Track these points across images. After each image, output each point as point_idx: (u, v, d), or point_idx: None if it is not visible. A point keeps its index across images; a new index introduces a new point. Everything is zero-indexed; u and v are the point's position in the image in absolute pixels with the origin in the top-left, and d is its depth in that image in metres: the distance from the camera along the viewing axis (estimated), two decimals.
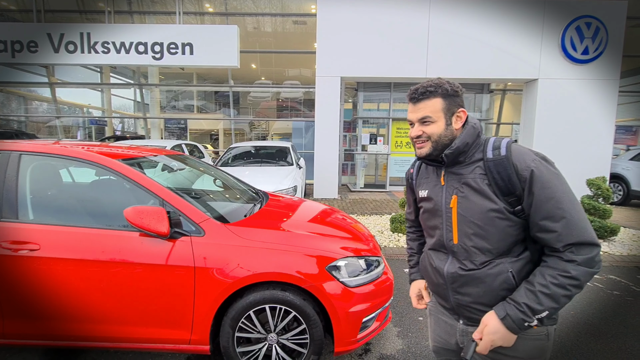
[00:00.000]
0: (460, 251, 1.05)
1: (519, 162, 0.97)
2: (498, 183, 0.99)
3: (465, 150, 1.04)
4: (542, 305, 0.91)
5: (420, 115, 1.05)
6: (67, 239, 1.85)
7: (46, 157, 2.05)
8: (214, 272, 1.82)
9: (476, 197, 1.01)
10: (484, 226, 1.00)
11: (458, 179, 1.06)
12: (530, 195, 0.95)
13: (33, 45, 8.11)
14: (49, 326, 1.86)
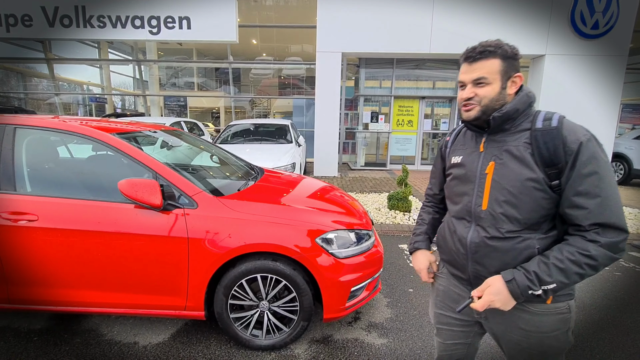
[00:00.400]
0: (488, 217, 1.03)
1: (570, 134, 0.94)
2: (542, 153, 0.96)
3: (514, 117, 1.01)
4: (551, 278, 0.91)
5: (476, 75, 1.00)
6: (64, 211, 1.90)
7: (41, 130, 2.08)
8: (206, 242, 1.88)
9: (515, 164, 0.99)
10: (517, 194, 0.98)
11: (499, 147, 1.03)
12: (572, 168, 0.93)
13: (27, 19, 7.95)
14: (50, 292, 1.95)
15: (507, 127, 1.03)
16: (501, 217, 1.00)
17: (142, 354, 1.98)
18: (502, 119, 1.01)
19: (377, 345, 2.11)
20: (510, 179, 0.99)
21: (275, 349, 2.03)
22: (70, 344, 2.05)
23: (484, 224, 1.04)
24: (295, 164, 5.22)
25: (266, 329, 2.03)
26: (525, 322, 1.03)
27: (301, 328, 2.02)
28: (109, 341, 2.09)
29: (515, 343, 1.06)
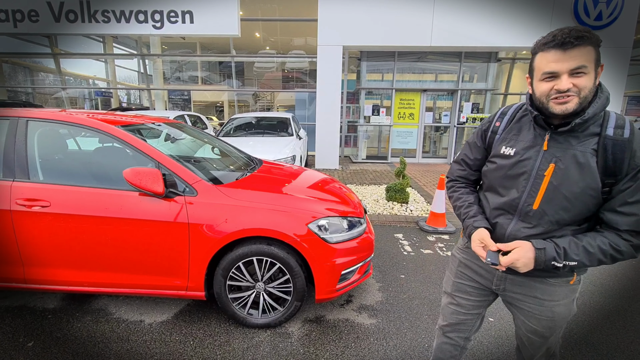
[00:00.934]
0: (535, 216, 1.04)
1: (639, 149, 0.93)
2: (608, 164, 0.94)
3: (591, 117, 0.96)
4: (577, 256, 0.98)
5: (575, 64, 0.91)
6: (74, 197, 2.05)
7: (51, 123, 2.22)
8: (205, 227, 2.02)
9: (577, 172, 0.97)
10: (573, 200, 0.98)
11: (563, 149, 0.99)
12: (632, 180, 0.94)
13: (34, 14, 8.10)
14: (62, 273, 2.11)
15: (578, 128, 0.98)
16: (551, 219, 1.03)
17: (148, 331, 2.14)
18: (582, 125, 0.96)
19: (366, 325, 2.24)
20: (569, 186, 0.98)
21: (271, 327, 2.18)
22: (82, 321, 2.22)
23: (530, 221, 1.06)
24: (296, 156, 5.33)
25: (262, 308, 2.18)
26: (541, 292, 1.12)
27: (295, 308, 2.16)
28: (117, 319, 2.25)
29: (528, 311, 1.16)
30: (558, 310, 1.13)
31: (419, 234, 4.04)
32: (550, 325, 1.15)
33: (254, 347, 2.01)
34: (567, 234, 1.03)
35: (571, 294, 1.13)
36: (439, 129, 9.97)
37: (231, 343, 2.04)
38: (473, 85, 9.80)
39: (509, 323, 2.28)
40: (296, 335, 2.13)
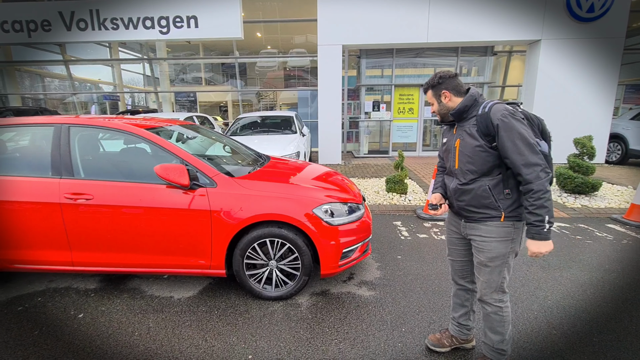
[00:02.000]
0: (459, 173, 1.66)
1: (493, 116, 1.52)
2: (481, 129, 1.56)
3: (464, 111, 1.62)
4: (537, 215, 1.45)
5: (427, 100, 1.78)
6: (113, 191, 2.40)
7: (88, 128, 2.57)
8: (224, 214, 2.36)
9: (469, 139, 1.60)
10: (472, 156, 1.59)
11: (462, 129, 1.65)
12: (498, 137, 1.51)
13: (46, 24, 8.48)
14: (104, 256, 2.47)
15: (464, 116, 1.64)
16: (465, 171, 1.63)
17: (178, 304, 2.49)
18: (456, 114, 1.65)
19: (365, 296, 2.58)
20: (467, 148, 1.61)
21: (282, 299, 2.52)
22: (121, 298, 2.58)
23: (458, 177, 1.67)
24: (300, 152, 5.66)
25: (275, 283, 2.52)
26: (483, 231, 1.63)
27: (303, 282, 2.50)
28: (150, 296, 2.60)
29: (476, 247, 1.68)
30: (495, 245, 1.61)
31: (416, 221, 4.35)
32: (490, 256, 1.62)
33: (269, 314, 2.35)
34: (485, 184, 1.58)
35: (505, 234, 1.60)
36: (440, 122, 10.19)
37: (250, 312, 2.38)
38: (471, 79, 10.02)
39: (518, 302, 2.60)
40: (305, 305, 2.47)
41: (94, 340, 2.10)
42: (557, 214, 4.53)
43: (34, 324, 2.27)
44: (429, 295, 2.58)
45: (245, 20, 8.70)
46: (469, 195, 1.63)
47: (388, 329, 2.19)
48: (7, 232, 2.45)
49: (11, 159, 2.68)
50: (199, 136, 3.54)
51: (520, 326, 2.20)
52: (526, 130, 1.49)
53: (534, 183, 1.43)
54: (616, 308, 2.40)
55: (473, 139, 1.58)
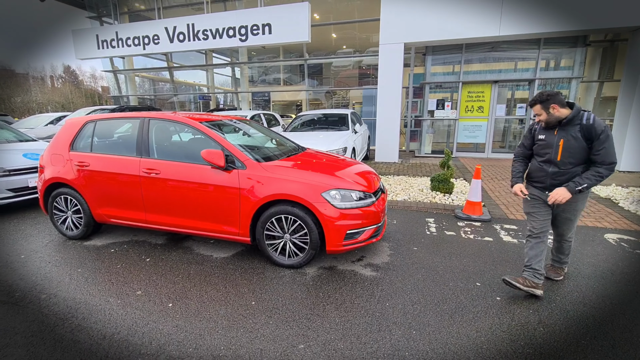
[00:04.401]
0: (560, 163, 2.37)
1: (598, 127, 2.23)
2: (585, 134, 2.27)
3: (571, 120, 2.32)
4: (582, 184, 2.27)
5: (534, 113, 2.43)
6: (174, 169, 3.14)
7: (161, 121, 3.38)
8: (249, 192, 2.90)
9: (573, 141, 2.31)
10: (573, 152, 2.32)
11: (565, 132, 2.34)
12: (597, 140, 2.23)
13: (156, 38, 10.43)
14: (165, 218, 3.24)
15: (568, 123, 2.34)
16: (567, 162, 2.36)
17: (214, 261, 3.14)
18: (566, 122, 2.34)
19: (366, 275, 2.85)
20: (572, 147, 2.32)
21: (294, 267, 2.96)
22: (177, 252, 3.35)
23: (559, 165, 2.39)
24: (347, 148, 6.00)
25: (288, 253, 2.97)
26: (574, 199, 2.39)
27: (310, 255, 2.90)
28: (196, 253, 3.32)
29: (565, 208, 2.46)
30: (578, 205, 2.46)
31: (451, 220, 4.34)
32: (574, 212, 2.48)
33: (279, 277, 2.82)
34: (577, 171, 2.34)
35: (583, 198, 2.44)
36: (522, 121, 9.31)
37: (265, 273, 2.89)
38: (555, 73, 8.96)
39: (490, 286, 2.62)
40: (311, 274, 2.87)
41: (152, 276, 2.86)
42: None
43: (119, 261, 3.16)
44: (427, 283, 2.73)
45: (313, 24, 9.33)
46: (564, 176, 2.38)
47: (373, 302, 2.45)
48: (107, 195, 3.41)
49: (113, 142, 3.67)
50: (251, 129, 4.20)
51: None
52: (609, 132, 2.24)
53: (602, 170, 2.26)
54: None
55: (577, 141, 2.30)
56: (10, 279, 2.83)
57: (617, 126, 7.42)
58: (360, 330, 2.13)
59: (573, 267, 2.99)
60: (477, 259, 3.15)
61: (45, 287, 2.70)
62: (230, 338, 2.07)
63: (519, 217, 4.36)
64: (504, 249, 3.37)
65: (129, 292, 2.62)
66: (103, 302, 2.49)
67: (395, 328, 2.16)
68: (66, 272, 2.95)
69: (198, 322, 2.23)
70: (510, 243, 3.53)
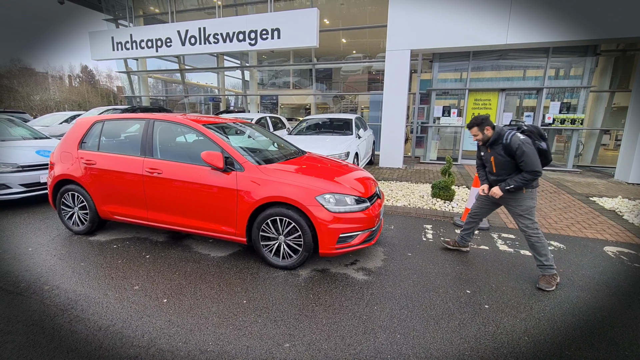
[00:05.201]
0: (496, 174, 2.97)
1: (513, 145, 2.73)
2: (507, 152, 2.79)
3: (495, 140, 2.88)
4: (512, 184, 2.79)
5: (472, 133, 2.97)
6: (176, 169, 3.25)
7: (165, 122, 3.50)
8: (246, 193, 2.98)
9: (501, 157, 2.85)
10: (504, 166, 2.87)
11: (493, 150, 2.91)
12: (516, 155, 2.73)
13: (169, 41, 10.69)
14: (165, 216, 3.35)
15: (494, 143, 2.90)
16: (499, 173, 2.94)
17: (211, 259, 3.22)
18: (490, 142, 2.93)
19: (358, 279, 2.90)
20: (500, 162, 2.89)
21: (287, 269, 3.02)
22: (176, 249, 3.45)
23: (495, 175, 2.98)
24: (350, 152, 6.06)
25: (282, 254, 3.04)
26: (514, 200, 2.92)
27: (304, 257, 2.96)
28: (195, 252, 3.41)
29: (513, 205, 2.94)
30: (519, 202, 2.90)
31: (449, 227, 4.35)
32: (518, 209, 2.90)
33: (272, 278, 2.89)
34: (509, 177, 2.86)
35: (528, 197, 2.86)
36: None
37: (259, 273, 2.96)
38: (563, 82, 8.87)
39: (480, 294, 2.64)
40: (303, 276, 2.93)
41: (150, 272, 2.96)
42: None
43: (120, 256, 3.28)
44: (417, 288, 2.76)
45: (322, 29, 9.45)
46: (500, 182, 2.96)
47: (362, 305, 2.49)
48: (111, 192, 3.54)
49: (119, 142, 3.81)
50: (255, 133, 4.31)
51: None
52: (530, 149, 2.69)
53: (526, 175, 2.71)
54: None
55: (503, 157, 2.84)
56: (17, 270, 2.96)
57: (627, 137, 7.31)
58: (345, 332, 2.18)
59: (566, 278, 2.98)
60: (471, 267, 3.16)
61: (49, 279, 2.83)
62: (219, 334, 2.14)
63: None
64: (499, 258, 3.38)
65: (127, 286, 2.72)
66: (102, 295, 2.59)
67: (381, 331, 2.20)
68: (70, 265, 3.08)
69: (190, 318, 2.31)
70: (505, 252, 3.53)
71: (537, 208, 5.13)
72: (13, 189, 4.64)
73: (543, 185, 6.66)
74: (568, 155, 8.80)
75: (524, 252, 3.52)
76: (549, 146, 2.83)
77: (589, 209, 5.13)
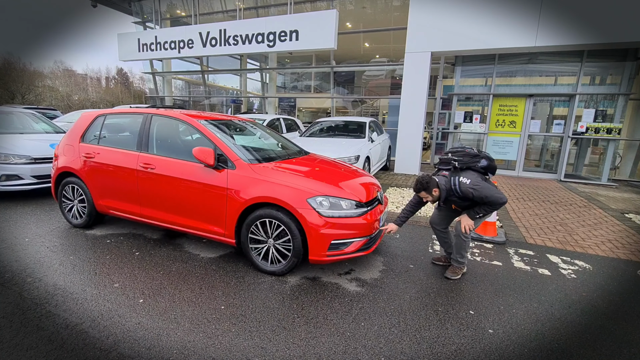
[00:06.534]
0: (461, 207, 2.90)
1: (467, 193, 2.66)
2: (464, 197, 2.71)
3: (447, 197, 2.80)
4: (480, 212, 2.72)
5: (421, 196, 2.85)
6: (169, 165, 3.16)
7: (162, 117, 3.43)
8: (236, 192, 2.83)
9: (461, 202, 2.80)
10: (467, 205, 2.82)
11: (450, 201, 2.86)
12: (474, 198, 2.65)
13: (190, 42, 10.90)
14: (157, 213, 3.26)
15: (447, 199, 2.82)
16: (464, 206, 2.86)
17: (200, 261, 3.09)
18: (443, 199, 2.82)
19: (349, 290, 2.66)
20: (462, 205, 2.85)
21: (275, 274, 2.83)
22: (167, 247, 3.35)
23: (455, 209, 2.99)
24: (360, 156, 5.82)
25: (270, 259, 2.86)
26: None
27: (292, 263, 2.76)
28: (185, 251, 3.30)
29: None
30: None
31: None
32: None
33: (258, 283, 2.70)
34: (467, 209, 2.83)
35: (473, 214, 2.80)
36: (561, 139, 8.59)
37: (245, 278, 2.79)
38: (598, 89, 8.21)
39: (485, 316, 2.33)
40: (291, 283, 2.73)
41: (135, 270, 2.86)
42: None
43: (110, 252, 3.22)
44: (414, 305, 2.49)
45: (340, 31, 9.30)
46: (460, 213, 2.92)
47: (348, 320, 2.26)
48: (107, 186, 3.50)
49: (119, 136, 3.78)
50: (257, 131, 4.18)
51: None
52: (484, 185, 2.65)
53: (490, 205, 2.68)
54: None
55: (463, 200, 2.77)
56: (7, 260, 2.95)
57: None
58: (323, 350, 1.96)
59: (590, 304, 2.60)
60: (478, 285, 2.85)
61: (35, 271, 2.79)
62: (186, 342, 1.98)
63: (538, 242, 3.94)
64: (512, 276, 3.03)
65: (107, 283, 2.63)
66: (80, 290, 2.51)
67: (363, 352, 1.96)
68: (59, 258, 3.04)
69: (161, 322, 2.17)
70: (520, 270, 3.17)
71: (563, 222, 4.68)
72: (25, 179, 4.76)
73: (571, 199, 6.12)
74: (603, 167, 8.10)
75: (542, 271, 3.15)
76: (489, 156, 2.80)
77: (624, 226, 4.61)
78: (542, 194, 6.46)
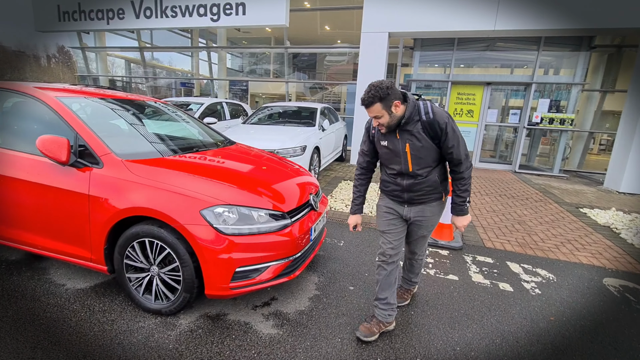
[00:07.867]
0: (413, 172, 1.82)
1: (440, 121, 1.71)
2: (430, 132, 1.74)
3: (410, 117, 1.73)
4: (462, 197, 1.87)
5: (373, 115, 1.73)
6: (13, 161, 2.21)
7: (7, 91, 2.42)
8: (103, 201, 1.98)
9: (417, 142, 1.76)
10: (425, 157, 1.79)
11: (408, 133, 1.76)
12: (444, 136, 1.73)
13: (121, 12, 9.39)
14: (4, 229, 2.31)
15: (409, 122, 1.74)
16: (420, 172, 1.82)
17: (61, 293, 2.22)
18: (406, 123, 1.75)
19: (261, 334, 1.95)
20: (418, 150, 1.77)
21: (162, 314, 2.05)
22: (24, 275, 2.43)
23: (411, 175, 1.83)
24: (307, 147, 5.10)
25: (154, 294, 2.06)
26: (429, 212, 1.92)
27: (184, 299, 1.99)
28: (47, 279, 2.39)
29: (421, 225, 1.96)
30: (435, 219, 1.98)
31: None
32: (431, 228, 2.00)
33: (132, 331, 1.91)
34: (434, 176, 1.84)
35: (441, 209, 1.97)
36: (516, 130, 8.45)
37: (116, 322, 1.97)
38: (554, 78, 8.13)
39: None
40: (182, 328, 1.96)
41: None
42: None
43: None
44: (346, 347, 1.84)
45: (292, 9, 8.38)
46: (422, 185, 1.84)
47: None
48: None
49: None
50: (162, 115, 3.27)
51: None
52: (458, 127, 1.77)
53: (465, 172, 1.82)
54: None
55: (423, 142, 1.76)
56: None
57: (620, 142, 6.62)
58: None
59: (558, 330, 2.11)
60: (431, 313, 2.27)
61: None
62: None
63: (497, 245, 3.50)
64: (470, 296, 2.50)
65: None
66: None
67: None
68: None
69: None
70: (479, 286, 2.65)
71: (521, 220, 4.32)
72: None
73: (527, 192, 5.88)
74: (554, 158, 8.10)
75: (503, 286, 2.66)
76: None
77: (581, 223, 4.34)
78: (499, 187, 6.18)
